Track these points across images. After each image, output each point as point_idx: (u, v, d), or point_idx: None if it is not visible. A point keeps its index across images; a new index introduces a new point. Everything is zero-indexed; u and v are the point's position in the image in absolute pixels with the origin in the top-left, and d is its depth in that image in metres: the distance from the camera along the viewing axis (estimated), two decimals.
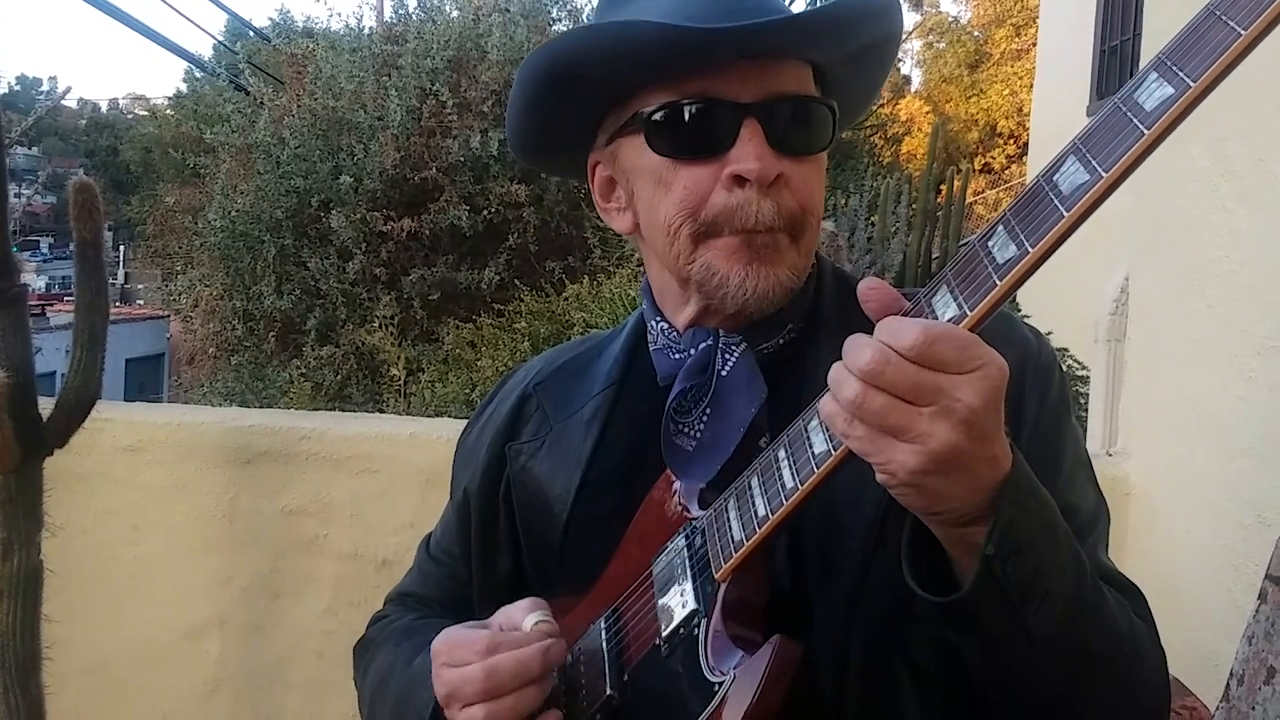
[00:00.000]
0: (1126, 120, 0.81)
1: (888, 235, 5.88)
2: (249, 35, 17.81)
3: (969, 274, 0.88)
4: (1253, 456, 2.43)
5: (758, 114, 1.11)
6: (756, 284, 1.13)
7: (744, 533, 1.02)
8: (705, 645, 1.05)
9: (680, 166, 1.14)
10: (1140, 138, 0.80)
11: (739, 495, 1.05)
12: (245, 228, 9.19)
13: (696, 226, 1.13)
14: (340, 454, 3.14)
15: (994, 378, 0.86)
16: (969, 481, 0.88)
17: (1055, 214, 0.83)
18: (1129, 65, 7.20)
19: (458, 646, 1.14)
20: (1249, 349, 2.43)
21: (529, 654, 1.10)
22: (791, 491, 0.97)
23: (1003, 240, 0.86)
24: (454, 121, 8.61)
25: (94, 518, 3.19)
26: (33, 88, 60.93)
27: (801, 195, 1.14)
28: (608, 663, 1.14)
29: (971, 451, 0.86)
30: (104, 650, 3.22)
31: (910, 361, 0.84)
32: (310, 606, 3.16)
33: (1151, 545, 2.80)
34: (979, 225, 17.87)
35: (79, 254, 2.33)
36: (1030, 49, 19.79)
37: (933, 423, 0.85)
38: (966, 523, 0.91)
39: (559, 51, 1.17)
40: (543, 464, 1.30)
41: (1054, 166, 0.85)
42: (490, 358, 7.11)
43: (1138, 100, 0.81)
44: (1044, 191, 0.85)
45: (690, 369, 1.18)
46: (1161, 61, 0.81)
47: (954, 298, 0.88)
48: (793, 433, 1.00)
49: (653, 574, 1.15)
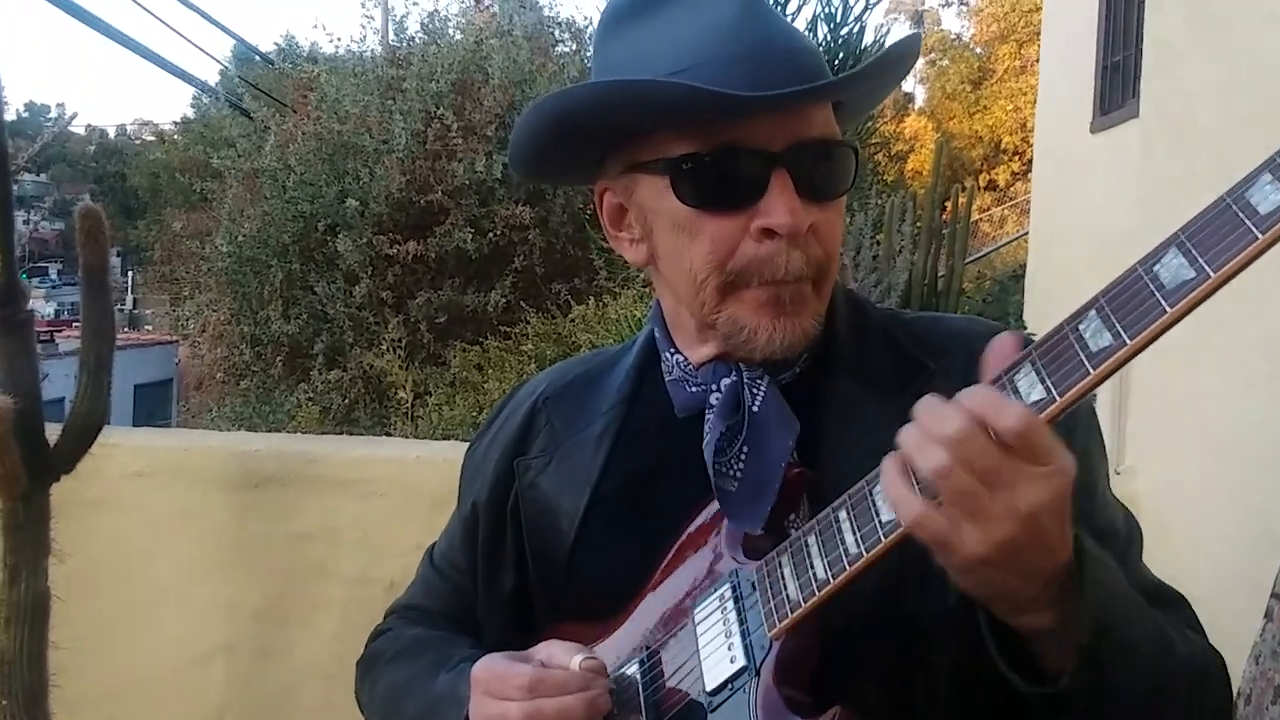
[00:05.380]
0: (1239, 221, 0.79)
1: (893, 253, 5.87)
2: (255, 60, 17.90)
3: (1058, 356, 0.86)
4: (1262, 473, 2.42)
5: (787, 163, 1.09)
6: (784, 337, 1.12)
7: (801, 594, 1.00)
8: (755, 705, 1.02)
9: (707, 217, 1.11)
10: (1253, 241, 0.78)
11: (794, 553, 1.02)
12: (252, 252, 9.23)
13: (724, 277, 1.12)
14: (347, 477, 3.13)
15: (1064, 477, 0.85)
16: (1022, 571, 0.88)
17: (1157, 308, 0.81)
18: (1131, 80, 7.21)
19: (499, 679, 1.12)
20: (1257, 364, 2.42)
21: (574, 703, 1.08)
22: (855, 558, 0.95)
23: (1096, 326, 0.84)
24: (459, 145, 8.65)
25: (101, 544, 3.18)
26: (41, 114, 61.25)
27: (827, 242, 1.13)
28: (645, 708, 1.12)
29: (1029, 545, 0.86)
30: (112, 677, 3.21)
31: (995, 443, 0.84)
32: (318, 631, 3.15)
33: (1159, 563, 2.77)
34: (985, 243, 17.88)
35: (85, 279, 2.34)
36: (1033, 65, 19.83)
37: (1001, 510, 0.84)
38: (1026, 610, 0.91)
39: (584, 101, 1.15)
40: (551, 480, 1.29)
41: (1154, 257, 0.83)
42: (497, 380, 7.12)
43: (1250, 201, 0.79)
44: (1143, 281, 0.82)
45: (723, 408, 1.16)
46: (1278, 164, 0.79)
47: (1040, 380, 0.86)
48: (855, 495, 0.97)
49: (694, 619, 1.12)
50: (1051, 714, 0.95)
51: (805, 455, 1.12)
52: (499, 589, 1.31)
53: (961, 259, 6.19)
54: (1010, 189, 25.51)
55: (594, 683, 1.10)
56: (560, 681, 1.09)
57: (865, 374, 1.18)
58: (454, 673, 1.23)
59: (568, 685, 1.09)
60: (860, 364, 1.19)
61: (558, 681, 1.09)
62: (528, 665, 1.12)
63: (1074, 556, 0.90)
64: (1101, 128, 8.04)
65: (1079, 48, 8.78)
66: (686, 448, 1.17)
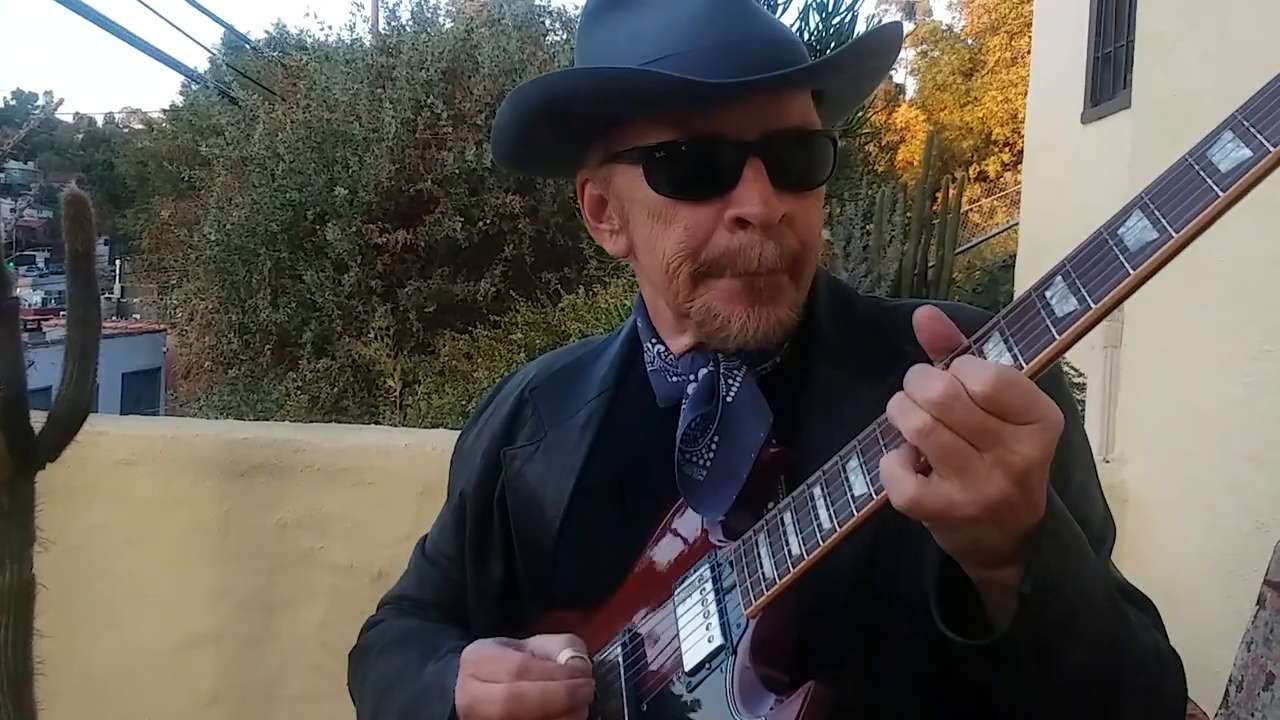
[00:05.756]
0: (1200, 180, 0.78)
1: (883, 244, 5.88)
2: (245, 48, 17.82)
3: (1024, 324, 0.86)
4: (1250, 461, 2.42)
5: (760, 152, 1.08)
6: (758, 326, 1.11)
7: (776, 571, 1.00)
8: (732, 684, 1.03)
9: (680, 205, 1.10)
10: (1215, 199, 0.77)
11: (770, 531, 1.02)
12: (241, 241, 9.20)
13: (697, 266, 1.11)
14: (335, 466, 3.12)
15: (1051, 431, 0.85)
16: (1009, 527, 0.88)
17: (1120, 271, 0.80)
18: (1123, 72, 7.22)
19: (488, 661, 1.13)
20: (1246, 353, 2.42)
21: (556, 688, 1.08)
22: (829, 533, 0.94)
23: (1062, 292, 0.84)
24: (449, 134, 8.63)
25: (88, 531, 3.17)
26: (28, 102, 60.95)
27: (802, 232, 1.12)
28: (626, 691, 1.12)
29: (1020, 502, 0.86)
30: (98, 665, 3.20)
31: (978, 404, 0.83)
32: (306, 619, 3.14)
33: (1149, 551, 2.80)
34: (974, 233, 17.90)
35: (71, 266, 2.31)
36: (1025, 56, 19.86)
37: (991, 470, 0.84)
38: (999, 564, 0.91)
39: (556, 89, 1.14)
40: (537, 469, 1.29)
41: (1118, 220, 0.82)
42: (486, 369, 7.12)
43: (1212, 160, 0.78)
44: (1107, 245, 0.82)
45: (697, 398, 1.16)
46: (1239, 122, 0.78)
47: (1008, 347, 0.86)
48: (830, 471, 0.97)
49: (675, 601, 1.12)
50: (994, 675, 0.94)
51: (786, 442, 1.11)
52: (488, 578, 1.32)
53: (951, 249, 6.20)
54: (1000, 180, 25.57)
55: (579, 674, 1.11)
56: (547, 669, 1.10)
57: (847, 361, 1.17)
58: (440, 663, 1.23)
59: (554, 672, 1.10)
60: (842, 352, 1.18)
61: (544, 668, 1.10)
62: (518, 653, 1.13)
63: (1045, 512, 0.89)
64: (1093, 119, 8.06)
65: (1070, 39, 8.79)
66: (668, 437, 1.16)
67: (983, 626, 0.94)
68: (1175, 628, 1.14)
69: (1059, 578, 0.90)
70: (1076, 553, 0.93)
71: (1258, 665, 1.86)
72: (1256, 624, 1.91)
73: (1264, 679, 1.84)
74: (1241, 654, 1.94)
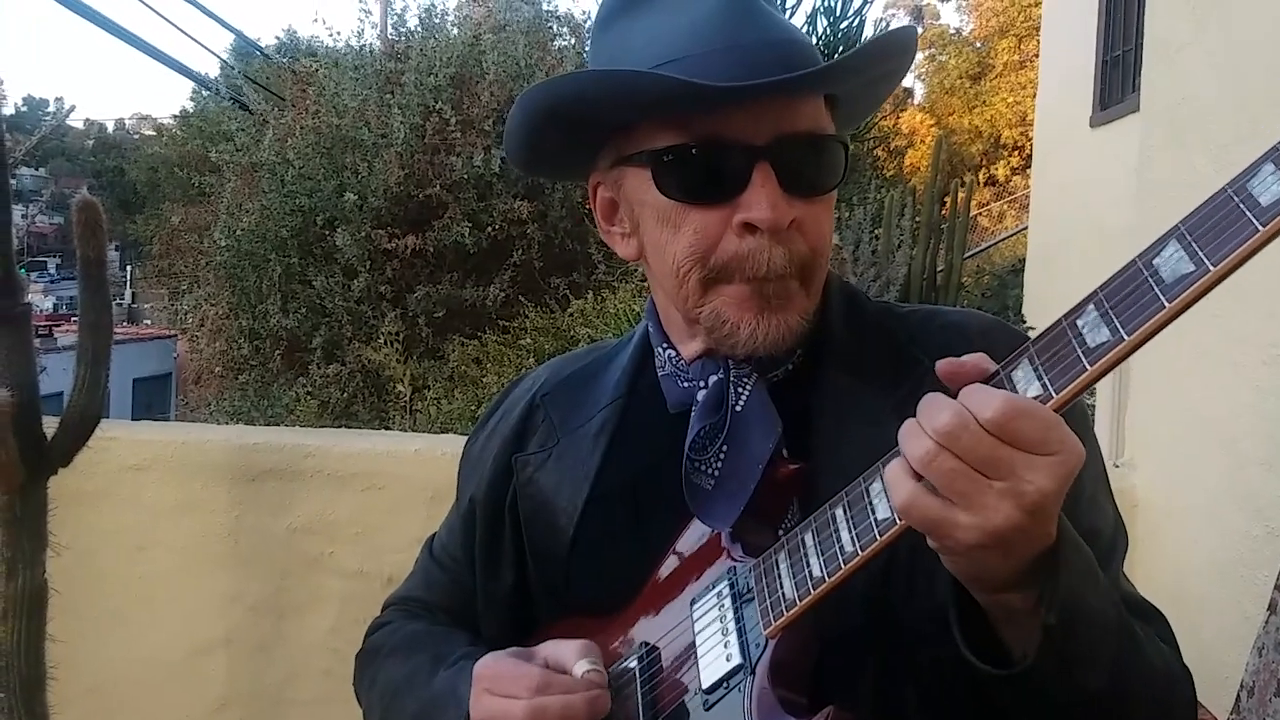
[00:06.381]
0: (1239, 213, 0.76)
1: (892, 248, 5.86)
2: (255, 55, 17.88)
3: (1055, 352, 0.84)
4: (1260, 465, 2.42)
5: (769, 157, 1.07)
6: (768, 333, 1.10)
7: (796, 592, 0.99)
8: (751, 705, 1.02)
9: (689, 209, 1.10)
10: (1254, 234, 0.75)
11: (791, 551, 1.02)
12: (251, 246, 9.21)
13: (706, 272, 1.10)
14: (345, 471, 3.13)
15: (1070, 464, 0.84)
16: (1017, 555, 0.88)
17: (1156, 303, 0.79)
18: (1131, 75, 7.20)
19: (503, 678, 1.12)
20: (1255, 358, 2.42)
21: (578, 702, 1.08)
22: (851, 556, 0.94)
23: (1094, 321, 0.82)
24: (457, 139, 8.64)
25: (99, 537, 3.18)
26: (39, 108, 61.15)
27: (812, 238, 1.11)
28: (642, 705, 1.11)
29: (1031, 531, 0.85)
30: (109, 670, 3.21)
31: (989, 433, 0.83)
32: (316, 625, 3.15)
33: (1159, 557, 2.79)
34: (983, 238, 17.87)
35: (83, 271, 2.33)
36: (1033, 60, 19.81)
37: (1000, 499, 0.83)
38: (1006, 589, 0.91)
39: (561, 94, 1.14)
40: (550, 476, 1.28)
41: (1154, 250, 0.80)
42: (495, 374, 7.13)
43: (1252, 193, 0.76)
44: (1142, 275, 0.80)
45: (705, 407, 1.15)
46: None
47: (1038, 376, 0.85)
48: (852, 493, 0.96)
49: (692, 615, 1.12)
50: (1014, 700, 0.94)
51: (797, 449, 1.10)
52: (498, 584, 1.31)
53: (960, 254, 6.18)
54: (1009, 184, 25.49)
55: (596, 686, 1.10)
56: (566, 683, 1.10)
57: (860, 368, 1.17)
58: (453, 670, 1.22)
59: (573, 686, 1.09)
60: (855, 359, 1.18)
61: (563, 683, 1.10)
62: (533, 665, 1.12)
63: (1056, 538, 0.89)
64: (1101, 122, 8.05)
65: (1079, 42, 8.78)
66: (681, 442, 1.16)
67: (997, 643, 0.94)
68: (1185, 633, 1.14)
69: (1076, 606, 0.90)
70: (1089, 577, 0.93)
71: (1269, 670, 1.86)
72: (1267, 629, 1.91)
73: (1275, 684, 1.83)
74: (1252, 659, 1.93)
